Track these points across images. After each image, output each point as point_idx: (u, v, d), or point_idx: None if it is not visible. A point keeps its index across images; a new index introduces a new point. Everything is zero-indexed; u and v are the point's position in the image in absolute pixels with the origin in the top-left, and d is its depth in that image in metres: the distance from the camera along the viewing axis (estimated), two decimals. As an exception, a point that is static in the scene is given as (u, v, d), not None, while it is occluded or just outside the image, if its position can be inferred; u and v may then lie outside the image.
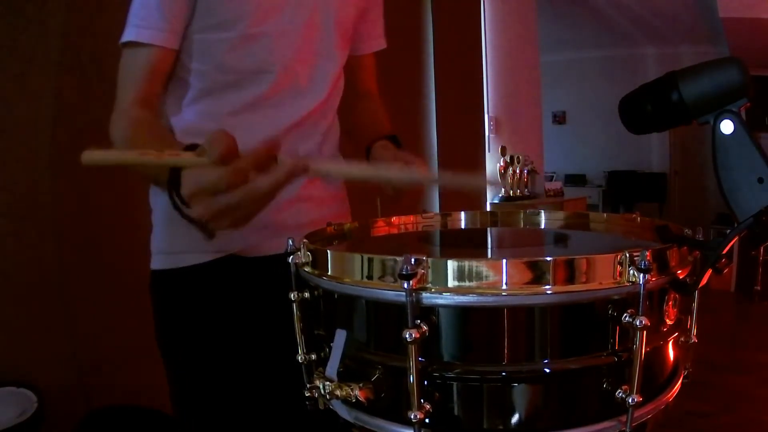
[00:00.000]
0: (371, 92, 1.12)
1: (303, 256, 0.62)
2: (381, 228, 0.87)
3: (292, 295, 0.62)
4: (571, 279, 0.50)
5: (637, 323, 0.49)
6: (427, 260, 0.50)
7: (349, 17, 0.98)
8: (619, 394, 0.51)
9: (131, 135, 0.80)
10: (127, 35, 0.83)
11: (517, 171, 4.48)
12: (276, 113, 0.91)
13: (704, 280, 0.56)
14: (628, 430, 0.51)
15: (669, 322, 0.57)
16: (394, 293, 0.51)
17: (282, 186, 0.61)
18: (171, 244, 0.93)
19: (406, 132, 1.05)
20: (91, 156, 0.71)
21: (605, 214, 0.86)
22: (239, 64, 0.87)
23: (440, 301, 0.50)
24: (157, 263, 0.95)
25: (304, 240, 0.63)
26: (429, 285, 0.50)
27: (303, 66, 0.92)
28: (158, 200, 0.95)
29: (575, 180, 7.65)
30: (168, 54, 0.85)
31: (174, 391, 0.95)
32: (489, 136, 4.38)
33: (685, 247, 0.58)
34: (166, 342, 0.94)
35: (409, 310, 0.49)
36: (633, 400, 0.50)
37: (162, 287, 0.95)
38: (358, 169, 0.73)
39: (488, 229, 0.92)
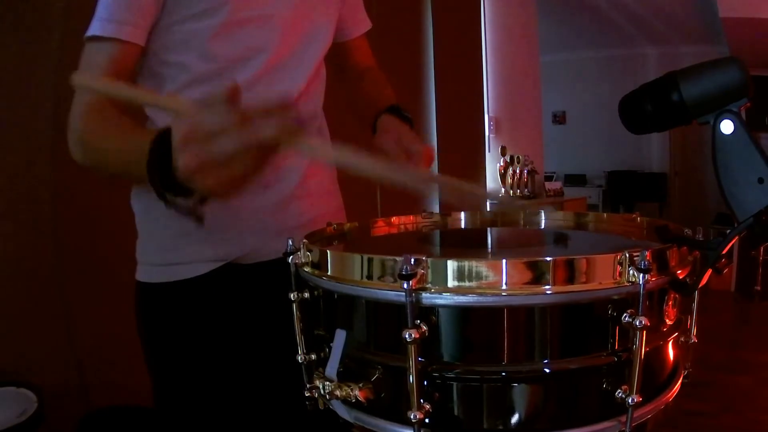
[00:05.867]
0: (372, 67, 1.13)
1: (303, 256, 0.62)
2: (381, 228, 0.87)
3: (292, 296, 0.62)
4: (571, 279, 0.50)
5: (637, 323, 0.49)
6: (426, 260, 0.50)
7: (335, 1, 0.99)
8: (619, 394, 0.51)
9: (90, 125, 0.76)
10: (92, 29, 0.80)
11: (517, 171, 4.48)
12: (262, 99, 0.89)
13: (704, 280, 0.56)
14: (628, 430, 0.51)
15: (669, 322, 0.57)
16: (394, 293, 0.51)
17: (285, 140, 0.53)
18: (164, 255, 0.89)
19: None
20: (81, 78, 0.68)
21: (605, 214, 0.86)
22: (224, 51, 0.85)
23: (440, 301, 0.50)
24: (146, 275, 0.91)
25: (304, 240, 0.63)
26: (429, 285, 0.50)
27: (289, 50, 0.90)
28: (145, 205, 0.92)
29: (575, 180, 7.65)
30: (132, 49, 0.81)
31: (168, 404, 0.92)
32: (489, 136, 4.38)
33: (685, 247, 0.58)
34: (162, 359, 0.91)
35: (408, 310, 0.49)
36: (633, 400, 0.50)
37: (155, 302, 0.91)
38: (360, 162, 0.59)
39: (488, 229, 0.92)
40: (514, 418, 0.52)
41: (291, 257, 0.62)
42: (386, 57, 1.12)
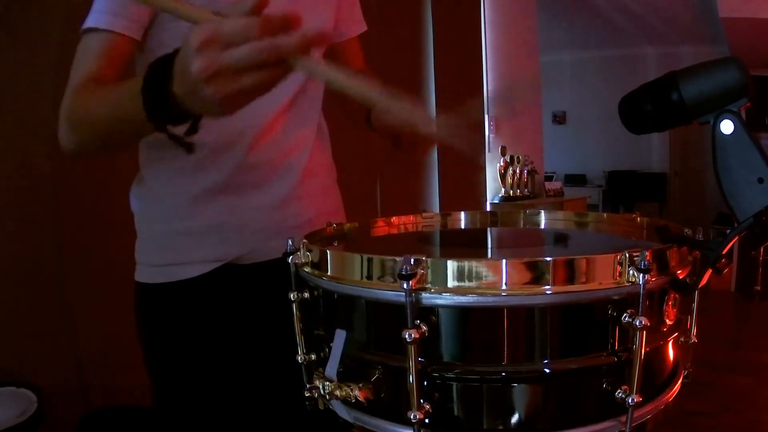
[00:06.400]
0: (363, 71, 1.12)
1: (303, 256, 0.62)
2: (381, 228, 0.87)
3: (292, 296, 0.62)
4: (570, 279, 0.50)
5: (637, 323, 0.49)
6: (426, 260, 0.50)
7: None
8: (619, 394, 0.51)
9: (78, 98, 0.77)
10: (88, 21, 0.80)
11: (517, 171, 4.48)
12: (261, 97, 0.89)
13: (704, 280, 0.56)
14: (628, 430, 0.51)
15: (669, 322, 0.57)
16: (393, 293, 0.51)
17: (301, 52, 0.55)
18: (163, 256, 0.89)
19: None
20: None
21: (605, 214, 0.86)
22: None
23: (440, 302, 0.50)
24: (145, 276, 0.91)
25: (304, 240, 0.63)
26: (428, 285, 0.50)
27: None
28: (144, 206, 0.92)
29: (575, 180, 7.65)
30: (126, 42, 0.81)
31: (168, 404, 0.92)
32: (489, 136, 4.38)
33: (685, 247, 0.58)
34: (161, 359, 0.91)
35: (408, 311, 0.49)
36: (633, 400, 0.50)
37: (154, 303, 0.91)
38: (360, 86, 0.61)
39: (488, 229, 0.92)
40: (514, 418, 0.52)
41: (291, 257, 0.62)
42: (386, 57, 1.12)
